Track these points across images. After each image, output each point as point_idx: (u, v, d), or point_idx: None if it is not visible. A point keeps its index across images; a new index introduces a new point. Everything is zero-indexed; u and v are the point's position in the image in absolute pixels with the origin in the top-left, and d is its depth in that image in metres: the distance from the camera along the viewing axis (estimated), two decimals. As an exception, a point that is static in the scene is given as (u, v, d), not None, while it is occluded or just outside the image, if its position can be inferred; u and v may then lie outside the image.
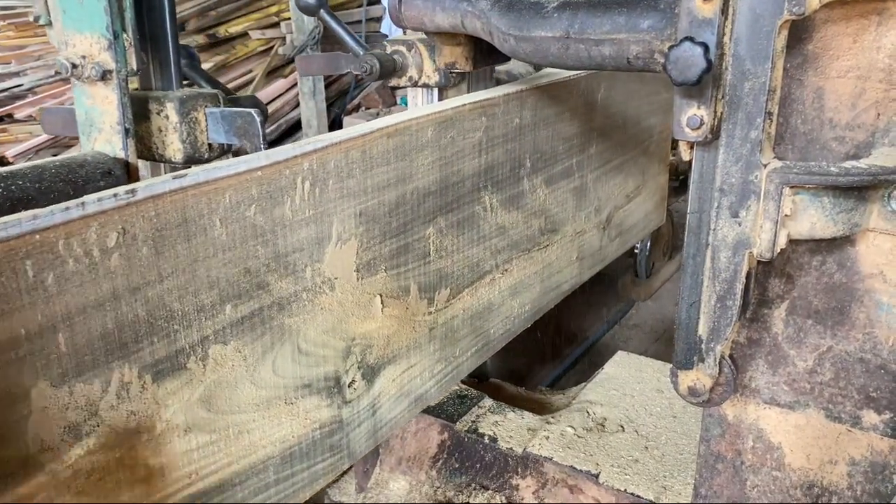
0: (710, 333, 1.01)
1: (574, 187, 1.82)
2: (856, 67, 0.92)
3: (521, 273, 1.67)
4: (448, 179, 1.35)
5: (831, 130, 0.96)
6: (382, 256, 1.24)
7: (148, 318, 0.88)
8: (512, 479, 1.76)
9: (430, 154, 1.28)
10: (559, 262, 1.83)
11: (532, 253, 1.70)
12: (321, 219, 1.09)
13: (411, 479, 1.88)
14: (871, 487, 1.08)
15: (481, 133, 1.41)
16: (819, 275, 1.03)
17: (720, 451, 1.19)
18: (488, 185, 1.48)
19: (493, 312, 1.60)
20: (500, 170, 1.51)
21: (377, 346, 1.27)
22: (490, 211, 1.50)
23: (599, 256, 2.05)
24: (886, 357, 1.01)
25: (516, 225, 1.60)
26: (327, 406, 1.19)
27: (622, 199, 2.12)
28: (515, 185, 1.57)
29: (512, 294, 1.66)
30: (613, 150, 1.98)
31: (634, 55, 0.95)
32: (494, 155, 1.47)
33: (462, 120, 1.35)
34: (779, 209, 0.91)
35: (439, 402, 1.96)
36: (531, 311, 1.75)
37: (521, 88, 1.51)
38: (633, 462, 1.70)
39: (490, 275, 1.55)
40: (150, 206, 0.86)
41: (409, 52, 1.80)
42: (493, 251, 1.54)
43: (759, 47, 0.86)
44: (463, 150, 1.37)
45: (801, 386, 1.09)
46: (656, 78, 2.10)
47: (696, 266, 0.99)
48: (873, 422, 1.05)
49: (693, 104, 0.89)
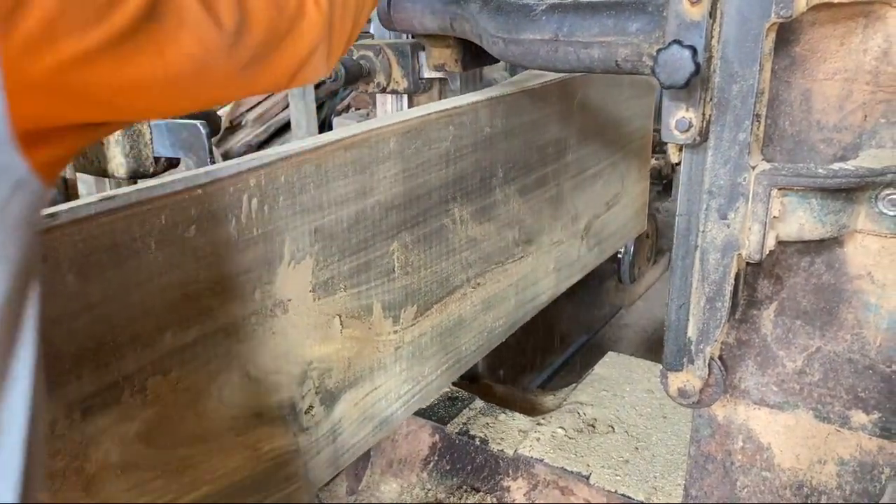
0: (699, 335, 1.01)
1: (550, 196, 1.76)
2: (843, 70, 0.93)
3: (495, 286, 1.61)
4: (413, 192, 1.29)
5: (819, 132, 0.96)
6: (341, 275, 1.17)
7: (74, 350, 0.81)
8: (503, 480, 1.76)
9: (392, 166, 1.22)
10: (535, 273, 1.77)
11: (506, 265, 1.64)
12: (271, 238, 1.02)
13: (402, 482, 1.87)
14: (859, 487, 1.09)
15: (449, 143, 1.35)
16: (807, 276, 1.03)
17: (710, 451, 1.20)
18: (457, 197, 1.42)
19: (465, 328, 1.53)
20: (469, 180, 1.44)
21: (337, 369, 1.20)
22: (460, 223, 1.44)
23: (578, 266, 1.99)
24: (874, 357, 1.02)
25: (489, 237, 1.55)
26: (282, 435, 1.12)
27: (601, 207, 2.06)
28: (487, 195, 1.51)
29: (485, 308, 1.60)
30: (591, 157, 1.93)
31: (623, 58, 0.95)
32: (463, 165, 1.41)
33: (428, 129, 1.29)
34: (767, 211, 0.91)
35: (430, 405, 1.95)
36: (506, 324, 1.69)
37: (492, 96, 1.46)
38: (624, 463, 1.70)
39: (461, 289, 1.49)
40: (74, 231, 0.79)
41: (377, 58, 1.74)
42: (464, 265, 1.48)
43: (746, 50, 0.86)
44: (429, 160, 1.31)
45: (790, 386, 1.09)
46: (635, 83, 2.07)
47: (686, 268, 0.99)
48: (862, 422, 1.05)
49: (682, 107, 0.89)
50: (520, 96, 1.55)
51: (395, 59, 1.73)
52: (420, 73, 1.74)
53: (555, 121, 1.71)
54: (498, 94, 1.49)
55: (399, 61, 1.73)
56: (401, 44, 1.76)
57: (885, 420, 1.03)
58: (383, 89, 1.79)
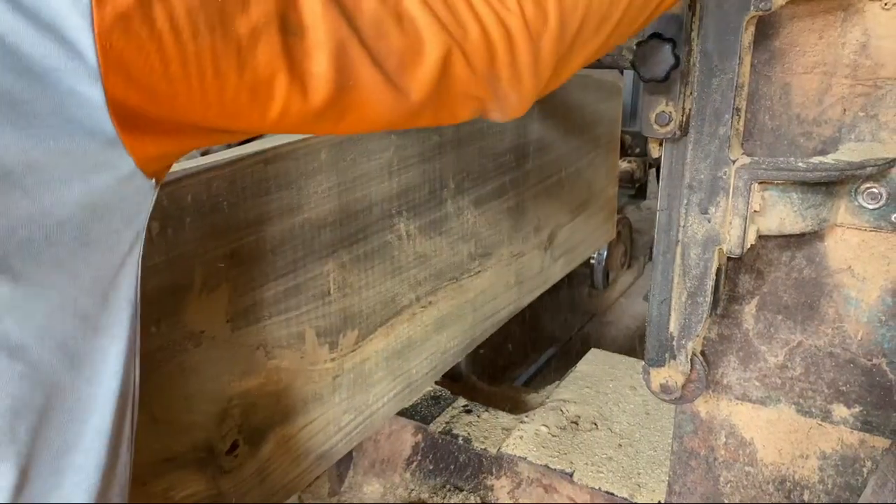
0: (681, 330, 1.01)
1: (509, 207, 1.67)
2: (822, 63, 0.92)
3: (449, 304, 1.51)
4: (350, 207, 1.18)
5: (799, 126, 0.96)
6: (265, 301, 1.06)
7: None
8: (486, 479, 1.75)
9: (324, 179, 1.12)
10: (494, 288, 1.68)
11: (461, 281, 1.54)
12: (177, 264, 0.91)
13: (385, 482, 1.86)
14: (841, 481, 1.09)
15: (391, 153, 1.25)
16: (788, 270, 1.03)
17: (693, 447, 1.19)
18: (403, 211, 1.31)
19: (416, 350, 1.43)
20: (416, 193, 1.34)
21: (263, 404, 1.10)
22: (406, 239, 1.34)
23: (541, 279, 1.90)
24: (855, 351, 1.02)
25: (440, 252, 1.44)
26: (197, 480, 1.02)
27: (566, 216, 1.97)
28: (437, 208, 1.41)
29: (438, 328, 1.49)
30: (554, 164, 1.84)
31: (603, 52, 0.94)
32: (409, 176, 1.31)
33: (366, 139, 1.19)
34: (748, 205, 0.91)
35: (413, 404, 1.94)
36: (462, 343, 1.59)
37: None
38: (608, 460, 1.70)
39: (409, 309, 1.39)
40: None
41: None
42: (413, 283, 1.38)
43: (726, 43, 0.86)
44: (368, 173, 1.21)
45: (772, 381, 1.09)
46: (600, 85, 2.01)
47: (667, 263, 0.99)
48: (843, 415, 1.06)
49: (661, 101, 0.88)
50: None
51: None
52: None
53: (512, 127, 1.62)
54: None
55: None
56: None
57: (866, 413, 1.04)
58: None
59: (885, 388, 1.01)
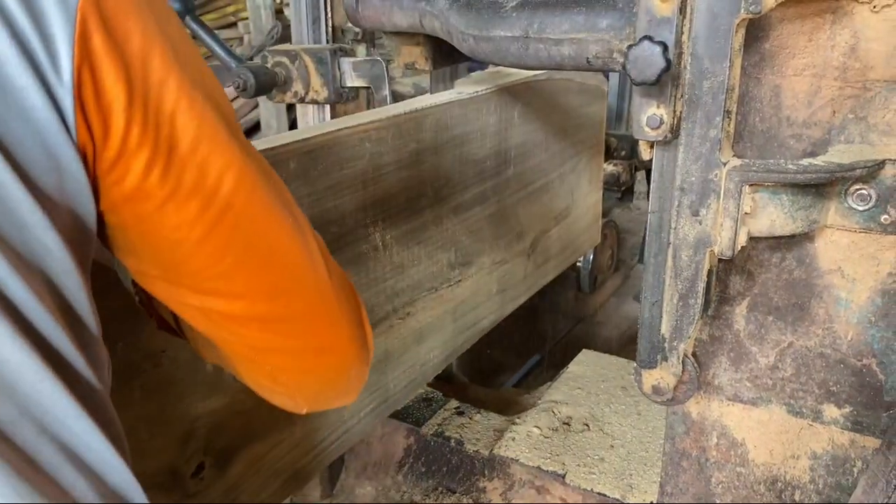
0: (672, 332, 1.01)
1: (490, 214, 1.63)
2: (811, 65, 0.93)
3: (428, 315, 1.47)
4: (322, 217, 1.15)
5: (789, 128, 0.96)
6: None
7: None
8: (479, 481, 1.75)
9: (293, 190, 0.97)
10: (475, 297, 1.64)
11: (441, 291, 1.50)
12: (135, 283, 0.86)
13: (377, 485, 1.86)
14: (832, 481, 1.09)
15: (366, 161, 1.21)
16: (779, 272, 1.04)
17: (685, 448, 1.20)
18: (379, 221, 1.27)
19: (393, 363, 1.39)
20: (393, 202, 1.31)
21: (231, 424, 1.07)
22: (383, 249, 1.30)
23: (525, 286, 1.86)
24: (846, 351, 1.02)
25: (419, 262, 1.41)
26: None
27: (549, 222, 1.93)
28: (415, 217, 1.37)
29: (416, 340, 1.45)
30: (536, 170, 1.80)
31: (594, 55, 0.95)
32: (385, 185, 1.27)
33: (338, 148, 1.15)
34: (739, 207, 0.91)
35: (404, 406, 1.94)
36: (442, 354, 1.55)
37: (416, 108, 1.33)
38: (599, 461, 1.70)
39: (386, 321, 1.35)
40: None
41: (294, 64, 1.59)
42: (390, 294, 1.35)
43: (717, 46, 0.86)
44: (341, 182, 1.17)
45: (763, 382, 1.10)
46: (583, 90, 1.98)
47: (658, 265, 0.99)
48: (834, 416, 1.06)
49: (652, 103, 0.88)
50: (450, 108, 1.42)
51: (314, 67, 1.59)
52: (342, 81, 1.61)
53: (493, 133, 1.58)
54: (424, 106, 1.35)
55: (318, 69, 1.59)
56: (319, 49, 1.61)
57: (856, 414, 1.04)
58: (301, 99, 1.64)
59: (875, 388, 1.02)
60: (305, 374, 0.71)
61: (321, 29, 1.80)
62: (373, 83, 1.65)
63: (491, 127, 1.57)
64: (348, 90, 1.65)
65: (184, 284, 0.60)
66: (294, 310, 0.65)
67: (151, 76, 0.53)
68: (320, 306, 0.67)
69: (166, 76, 0.54)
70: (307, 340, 0.68)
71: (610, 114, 2.99)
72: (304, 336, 0.67)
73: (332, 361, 0.71)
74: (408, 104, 1.37)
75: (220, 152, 0.57)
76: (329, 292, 0.68)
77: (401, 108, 1.32)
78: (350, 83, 1.63)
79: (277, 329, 0.65)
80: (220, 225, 0.57)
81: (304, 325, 0.67)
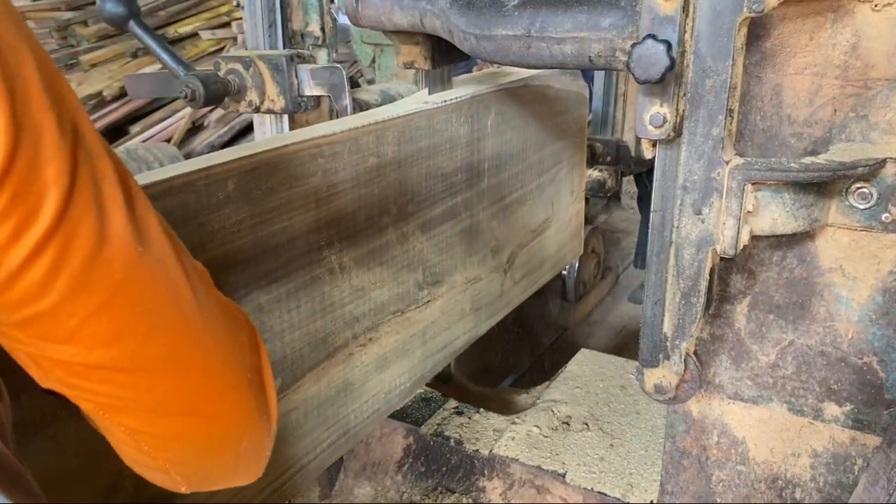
0: (674, 331, 1.01)
1: (462, 229, 1.53)
2: (812, 64, 0.93)
3: (393, 339, 1.38)
4: (267, 242, 1.06)
5: (790, 127, 0.97)
6: None
7: None
8: (479, 481, 1.75)
9: (234, 212, 0.99)
10: (447, 317, 1.54)
11: (407, 313, 1.41)
12: None
13: (376, 485, 1.85)
14: (833, 479, 1.10)
15: (318, 178, 1.12)
16: (780, 270, 1.04)
17: (685, 447, 1.20)
18: (334, 242, 1.18)
19: (354, 394, 1.30)
20: (351, 221, 1.21)
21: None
22: (340, 272, 1.20)
23: (501, 303, 1.77)
24: (846, 350, 1.03)
25: (381, 284, 1.31)
26: None
27: (527, 235, 1.83)
28: (376, 236, 1.28)
29: (380, 367, 1.36)
30: (512, 181, 1.70)
31: (596, 53, 0.95)
32: (341, 204, 1.17)
33: (285, 165, 1.06)
34: (741, 206, 0.91)
35: (403, 406, 1.94)
36: (411, 380, 1.46)
37: (375, 121, 1.23)
38: (599, 460, 1.70)
39: (345, 349, 1.26)
40: None
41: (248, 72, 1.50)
42: (349, 320, 1.25)
43: (719, 45, 0.86)
44: (290, 202, 1.08)
45: (763, 380, 1.10)
46: (563, 97, 1.90)
47: (660, 264, 0.99)
48: (834, 414, 1.06)
49: (656, 102, 0.88)
50: (415, 119, 1.32)
51: (269, 74, 1.49)
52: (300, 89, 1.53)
53: (464, 143, 1.49)
54: (385, 117, 1.25)
55: (273, 76, 1.49)
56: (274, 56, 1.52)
57: (857, 411, 1.04)
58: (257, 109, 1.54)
59: (875, 386, 1.02)
60: (171, 441, 0.58)
61: (277, 33, 1.70)
62: (332, 92, 1.55)
63: (462, 138, 1.48)
64: (307, 99, 1.56)
65: (9, 323, 0.49)
66: (145, 355, 0.53)
67: None
68: (185, 353, 0.55)
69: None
70: (166, 394, 0.55)
71: (595, 118, 2.95)
72: (161, 388, 0.55)
73: (207, 427, 0.59)
74: (367, 116, 1.28)
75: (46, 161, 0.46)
76: (201, 335, 0.56)
77: (358, 120, 1.23)
78: (308, 91, 1.54)
79: (125, 381, 0.53)
80: (41, 252, 0.46)
81: (159, 375, 0.54)
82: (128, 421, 0.56)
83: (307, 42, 1.77)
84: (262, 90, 1.52)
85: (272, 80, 1.51)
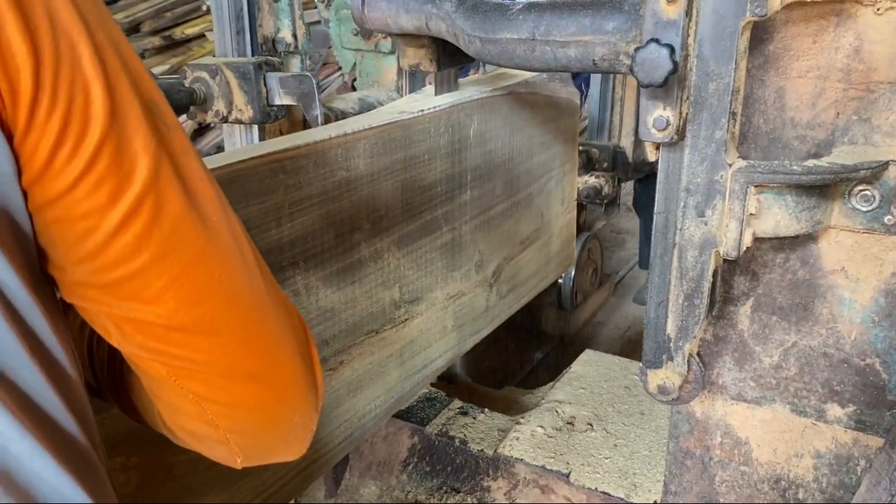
0: (678, 332, 1.02)
1: (442, 244, 1.46)
2: (815, 67, 0.94)
3: (367, 361, 1.31)
4: None
5: (793, 129, 0.97)
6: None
7: None
8: (483, 480, 1.76)
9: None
10: (426, 336, 1.47)
11: (383, 333, 1.34)
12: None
13: (381, 484, 1.86)
14: (836, 479, 1.10)
15: (280, 195, 1.07)
16: (783, 272, 1.04)
17: (689, 447, 1.21)
18: (299, 262, 1.12)
19: (322, 419, 1.20)
20: (317, 239, 1.15)
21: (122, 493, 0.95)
22: (306, 293, 1.15)
23: (487, 318, 1.70)
24: (849, 351, 1.03)
25: (353, 304, 1.25)
26: None
27: (514, 247, 1.75)
28: (347, 254, 1.21)
29: (352, 390, 1.29)
30: (497, 193, 1.64)
31: (600, 57, 0.95)
32: (306, 221, 1.12)
33: (242, 181, 1.01)
34: (744, 208, 0.92)
35: (408, 406, 1.94)
36: (386, 403, 1.40)
37: (345, 132, 1.17)
38: (604, 460, 1.71)
39: None
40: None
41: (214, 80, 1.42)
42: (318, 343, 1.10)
43: (722, 48, 0.87)
44: (247, 221, 1.02)
45: (766, 381, 1.10)
46: (552, 104, 1.84)
47: (664, 266, 1.00)
48: (837, 415, 1.07)
49: (659, 105, 0.89)
50: (388, 129, 1.26)
51: (236, 83, 1.42)
52: (269, 98, 1.46)
53: (445, 154, 1.42)
54: (356, 129, 1.19)
55: (241, 85, 1.42)
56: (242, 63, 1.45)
57: (859, 413, 1.05)
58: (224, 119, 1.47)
59: (878, 387, 1.03)
60: (236, 409, 0.61)
61: (245, 40, 1.59)
62: (301, 101, 1.48)
63: (442, 149, 1.42)
64: (276, 109, 1.49)
65: (98, 285, 0.52)
66: (221, 320, 0.56)
67: (61, 38, 0.46)
68: (254, 322, 0.58)
69: (78, 39, 0.47)
70: (237, 360, 0.58)
71: (592, 124, 2.89)
72: (234, 354, 0.58)
73: (268, 396, 0.62)
74: (335, 127, 1.21)
75: (134, 131, 0.49)
76: (266, 309, 0.59)
77: (325, 132, 1.17)
78: (278, 101, 1.47)
79: (201, 345, 0.56)
80: (135, 214, 0.50)
81: (233, 341, 0.57)
82: (199, 388, 0.58)
83: (279, 49, 1.69)
84: (229, 99, 1.46)
85: (239, 89, 1.45)
